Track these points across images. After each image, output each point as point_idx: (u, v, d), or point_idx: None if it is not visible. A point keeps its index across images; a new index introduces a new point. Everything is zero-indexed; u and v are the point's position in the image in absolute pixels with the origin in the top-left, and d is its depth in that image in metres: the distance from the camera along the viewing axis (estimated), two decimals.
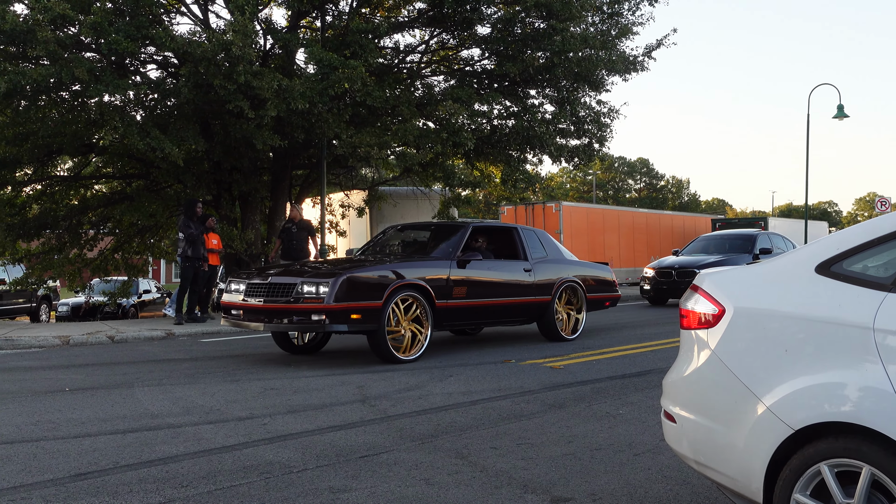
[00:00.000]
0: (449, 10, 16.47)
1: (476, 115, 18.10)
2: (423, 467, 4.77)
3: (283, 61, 17.51)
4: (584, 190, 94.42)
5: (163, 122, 15.62)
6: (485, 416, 6.23)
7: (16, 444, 5.39)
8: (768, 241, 20.57)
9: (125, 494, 4.24)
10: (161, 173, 18.11)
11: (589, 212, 31.43)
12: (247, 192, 18.39)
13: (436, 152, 17.58)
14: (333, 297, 8.54)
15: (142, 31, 14.44)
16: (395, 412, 6.42)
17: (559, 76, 18.07)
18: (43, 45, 13.41)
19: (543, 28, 17.03)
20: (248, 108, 14.24)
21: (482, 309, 10.44)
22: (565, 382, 7.87)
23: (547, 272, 11.42)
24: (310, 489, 4.34)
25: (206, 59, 13.81)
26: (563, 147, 19.26)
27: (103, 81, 14.17)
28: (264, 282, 9.04)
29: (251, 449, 5.23)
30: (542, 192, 79.70)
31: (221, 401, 6.98)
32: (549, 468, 4.74)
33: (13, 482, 4.48)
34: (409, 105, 17.00)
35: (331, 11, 18.45)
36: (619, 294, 13.06)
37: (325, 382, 7.99)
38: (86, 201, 20.48)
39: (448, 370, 8.77)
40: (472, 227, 10.90)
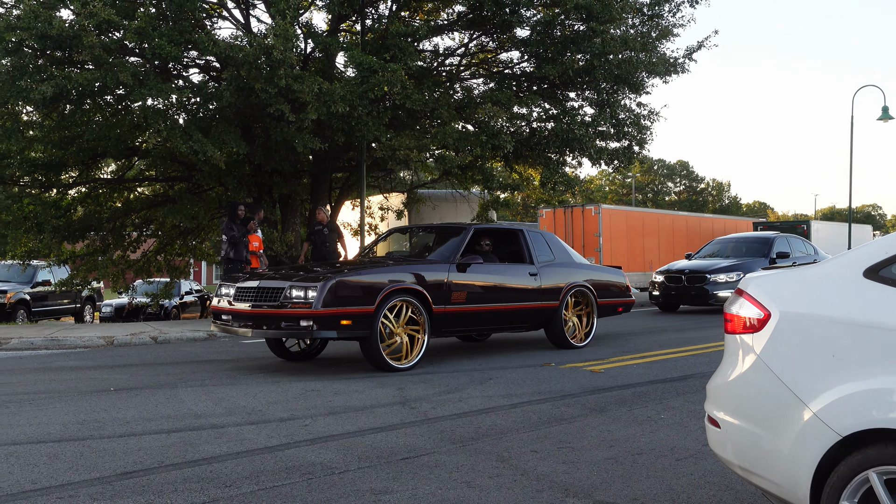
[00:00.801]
0: (488, 12, 16.47)
1: (515, 117, 18.09)
2: (464, 470, 4.78)
3: (324, 65, 17.64)
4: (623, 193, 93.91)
5: (205, 126, 15.79)
6: (525, 420, 6.23)
7: (63, 443, 5.48)
8: (786, 244, 19.91)
9: (170, 493, 4.30)
10: (203, 176, 18.31)
11: (628, 215, 31.24)
12: (287, 194, 18.54)
13: (475, 155, 17.59)
14: (321, 302, 8.14)
15: (185, 35, 14.62)
16: (436, 414, 6.43)
17: (599, 78, 18.00)
18: (89, 50, 13.62)
19: (583, 30, 16.96)
20: (288, 111, 14.35)
21: (484, 314, 10.03)
22: (605, 386, 7.84)
23: (554, 276, 10.99)
24: (351, 490, 4.37)
25: (247, 63, 13.94)
26: (602, 149, 19.18)
27: (147, 85, 14.36)
28: (253, 286, 8.71)
29: (293, 450, 5.27)
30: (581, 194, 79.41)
31: (263, 402, 7.04)
32: (590, 472, 4.73)
33: (61, 480, 4.56)
34: (448, 108, 17.03)
35: (371, 15, 18.57)
36: (633, 299, 12.64)
37: (364, 384, 8.03)
38: (129, 204, 20.78)
39: (488, 373, 8.77)
40: (473, 230, 10.52)
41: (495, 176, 18.48)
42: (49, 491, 4.35)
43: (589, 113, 19.39)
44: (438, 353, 10.69)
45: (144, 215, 20.80)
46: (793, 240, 20.46)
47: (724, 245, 20.80)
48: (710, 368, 8.98)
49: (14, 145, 16.62)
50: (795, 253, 19.55)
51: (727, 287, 17.57)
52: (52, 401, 7.20)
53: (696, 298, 18.12)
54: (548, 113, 19.10)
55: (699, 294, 17.97)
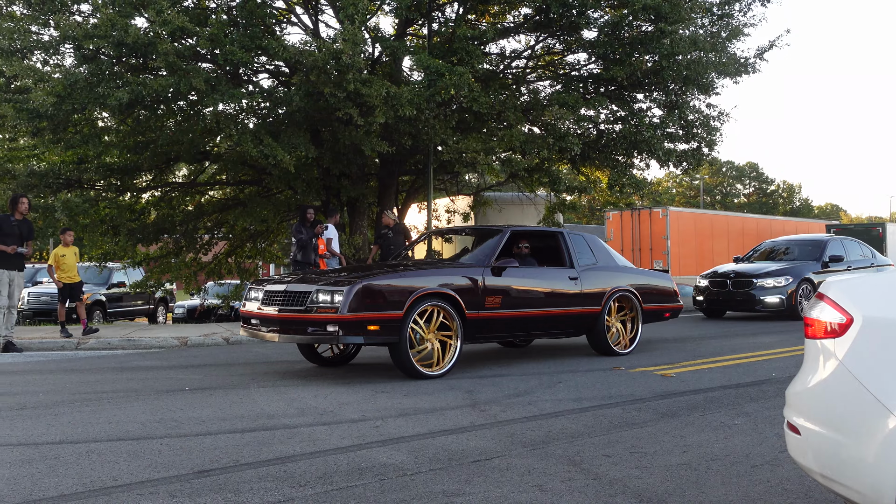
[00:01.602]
0: (555, 14, 16.41)
1: (582, 119, 17.99)
2: (535, 473, 4.77)
3: (391, 68, 17.78)
4: (690, 195, 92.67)
5: (275, 130, 16.02)
6: (596, 424, 6.19)
7: (142, 441, 5.61)
8: (840, 247, 18.85)
9: (246, 492, 4.37)
10: (272, 179, 18.58)
11: (697, 217, 30.80)
12: (355, 197, 18.71)
13: (541, 157, 17.53)
14: (348, 307, 7.85)
15: (255, 41, 14.86)
16: (506, 417, 6.43)
17: (667, 79, 17.80)
18: (163, 56, 13.92)
19: (651, 31, 16.80)
20: (356, 114, 14.48)
21: (520, 320, 9.58)
22: (677, 391, 7.75)
23: (596, 280, 10.50)
24: (424, 492, 4.39)
25: (316, 68, 14.11)
26: (671, 151, 18.95)
27: (219, 91, 14.63)
28: (280, 289, 8.47)
29: (365, 451, 5.32)
30: (648, 197, 78.59)
31: (334, 403, 7.12)
32: (663, 478, 4.68)
33: (141, 477, 4.67)
34: (515, 110, 17.01)
35: (437, 18, 18.66)
36: (681, 304, 12.03)
37: (434, 387, 8.06)
38: (201, 207, 21.20)
39: (557, 377, 8.74)
40: (510, 232, 10.08)
41: (562, 178, 18.38)
42: (130, 487, 4.45)
43: (657, 114, 19.20)
44: (506, 357, 10.69)
45: (216, 218, 21.21)
46: (848, 242, 19.48)
47: (775, 248, 20.03)
48: (784, 374, 8.82)
49: (91, 150, 17.09)
50: (851, 256, 18.74)
51: (775, 292, 16.91)
52: (129, 399, 7.38)
53: (742, 304, 17.43)
54: (615, 115, 18.95)
55: (746, 299, 17.26)
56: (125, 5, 14.68)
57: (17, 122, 15.64)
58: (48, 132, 16.05)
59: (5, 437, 5.73)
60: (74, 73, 14.96)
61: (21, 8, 16.14)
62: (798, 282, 16.96)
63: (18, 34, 15.14)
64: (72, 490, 4.40)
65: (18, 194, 12.62)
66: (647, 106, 19.49)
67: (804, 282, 17.08)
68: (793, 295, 16.83)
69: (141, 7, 15.02)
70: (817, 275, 17.27)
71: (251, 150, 14.73)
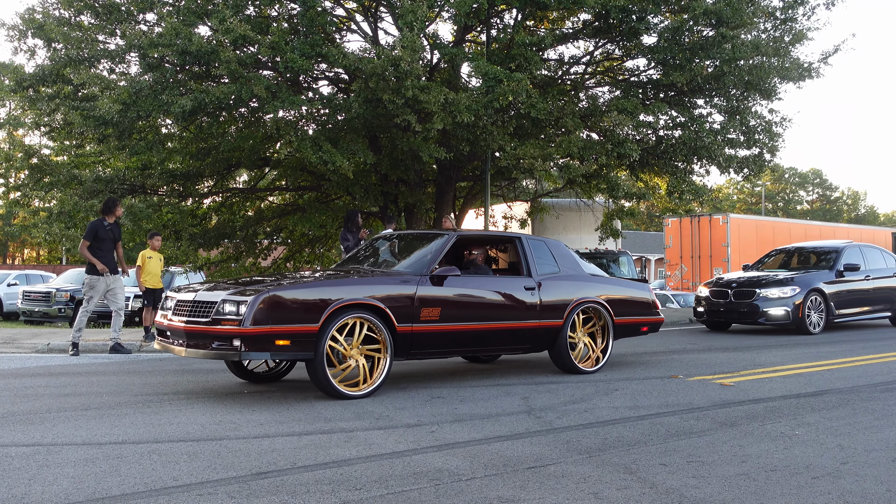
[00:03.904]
0: (615, 20, 16.32)
1: (641, 125, 17.86)
2: (591, 481, 4.74)
3: (449, 75, 17.85)
4: (751, 202, 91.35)
5: (334, 136, 16.19)
6: (653, 432, 6.13)
7: (201, 442, 5.70)
8: (859, 255, 17.06)
9: (303, 494, 4.42)
10: (331, 185, 18.77)
11: (758, 224, 30.39)
12: (412, 203, 18.81)
13: (600, 164, 17.45)
14: (251, 320, 6.99)
15: (315, 49, 15.04)
16: (561, 424, 6.40)
17: (729, 85, 17.60)
18: (225, 64, 14.17)
19: (712, 36, 16.62)
20: (415, 121, 14.57)
21: (465, 334, 8.57)
22: (736, 400, 7.63)
23: (558, 291, 9.45)
24: (479, 498, 4.39)
25: (375, 75, 14.22)
26: (731, 157, 18.73)
27: (280, 98, 14.83)
28: (190, 298, 7.62)
29: (420, 455, 5.33)
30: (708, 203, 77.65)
31: (390, 407, 7.15)
32: (721, 488, 4.61)
33: (200, 478, 4.74)
34: (573, 116, 16.95)
35: (496, 25, 18.68)
36: (661, 318, 10.84)
37: (489, 393, 8.06)
38: (261, 212, 21.51)
39: (613, 384, 8.67)
40: (456, 237, 9.10)
41: (620, 185, 18.26)
42: (189, 488, 4.53)
43: (718, 120, 18.99)
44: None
45: (275, 224, 21.50)
46: (869, 250, 17.71)
47: (787, 255, 18.52)
48: (847, 384, 8.64)
49: (155, 157, 17.46)
50: (870, 265, 17.09)
51: (780, 304, 15.30)
52: (190, 401, 7.51)
53: (744, 316, 15.75)
54: (675, 120, 18.78)
55: (749, 311, 15.60)
56: (189, 14, 14.98)
57: (84, 129, 16.05)
58: (114, 139, 16.44)
59: (70, 437, 5.87)
60: (139, 81, 15.30)
61: (89, 18, 16.56)
62: (806, 293, 15.40)
63: (86, 43, 15.56)
64: (134, 489, 4.48)
65: (114, 198, 12.56)
66: (708, 111, 19.30)
67: (813, 293, 15.55)
68: (800, 307, 15.24)
69: (204, 16, 15.31)
70: (829, 285, 15.92)
71: (310, 156, 14.90)
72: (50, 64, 16.13)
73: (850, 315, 16.28)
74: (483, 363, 10.79)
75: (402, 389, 8.27)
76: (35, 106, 17.27)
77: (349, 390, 7.57)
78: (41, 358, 11.80)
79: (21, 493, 4.40)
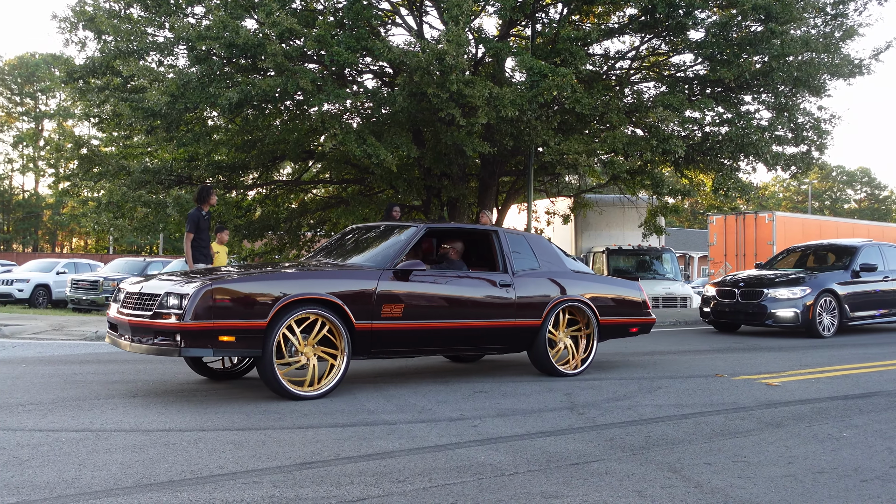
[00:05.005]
0: (661, 15, 16.18)
1: (687, 121, 17.70)
2: (634, 479, 4.72)
3: (494, 69, 17.83)
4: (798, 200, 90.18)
5: (378, 130, 16.25)
6: (697, 431, 6.08)
7: (246, 431, 5.76)
8: (877, 254, 16.04)
9: (346, 485, 4.45)
10: (375, 179, 18.85)
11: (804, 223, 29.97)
12: (455, 197, 18.82)
13: (644, 160, 17.32)
14: (192, 314, 6.61)
15: (360, 42, 15.09)
16: (605, 421, 6.38)
17: (777, 81, 17.38)
18: (272, 57, 14.27)
19: (761, 31, 16.42)
20: (459, 115, 14.57)
21: (430, 333, 8.08)
22: (782, 400, 7.55)
23: (536, 288, 8.92)
24: (522, 493, 4.39)
25: (420, 69, 14.25)
26: (779, 155, 18.49)
27: (324, 91, 14.92)
28: (136, 290, 7.26)
29: (463, 449, 5.35)
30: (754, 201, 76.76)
31: (433, 401, 7.18)
32: (767, 489, 4.57)
33: (245, 467, 4.79)
34: (618, 112, 16.85)
35: (541, 20, 18.61)
36: (653, 318, 10.23)
37: (532, 388, 8.05)
38: (305, 205, 21.68)
39: (657, 382, 8.61)
40: (425, 230, 8.61)
41: (665, 181, 18.09)
42: (235, 476, 4.58)
43: (765, 116, 18.78)
44: (604, 361, 10.58)
45: (319, 216, 21.64)
46: (888, 249, 16.57)
47: (801, 254, 17.52)
48: (894, 386, 8.51)
49: (202, 148, 17.65)
50: (890, 265, 16.05)
51: (789, 305, 14.43)
52: (234, 391, 7.59)
53: (752, 317, 14.89)
54: (721, 117, 18.59)
55: (756, 312, 14.74)
56: (236, 7, 15.12)
57: (133, 121, 16.27)
58: (161, 130, 16.64)
59: (118, 423, 5.96)
60: (187, 73, 15.48)
61: (138, 10, 16.78)
62: (818, 293, 14.52)
63: (135, 36, 15.78)
64: (181, 476, 4.55)
65: (208, 187, 12.39)
66: (755, 108, 19.10)
67: (826, 294, 14.67)
68: (810, 308, 14.37)
69: (251, 9, 15.44)
70: (843, 286, 14.99)
71: (354, 149, 14.97)
72: (100, 56, 16.40)
73: (865, 318, 15.33)
74: (466, 363, 10.29)
75: (444, 383, 8.29)
76: (85, 97, 17.56)
77: (301, 390, 7.10)
78: (89, 345, 12.00)
79: (71, 477, 4.49)
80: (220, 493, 4.25)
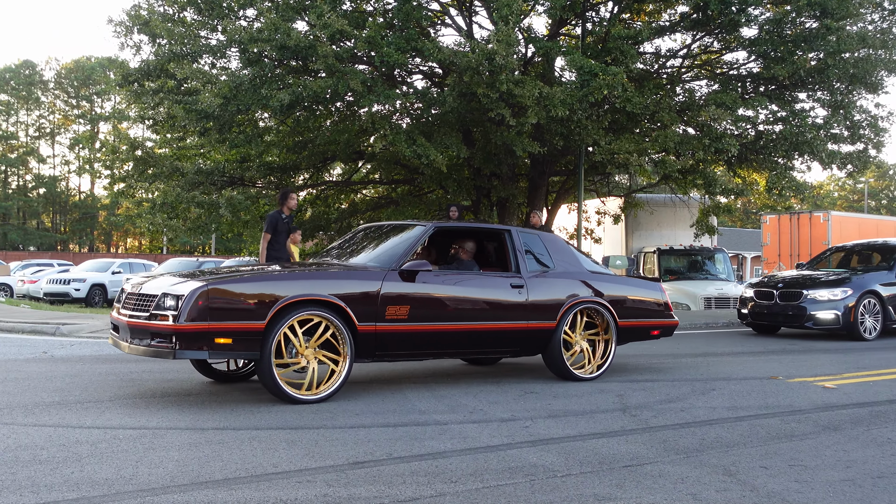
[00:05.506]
0: (714, 12, 15.98)
1: (740, 120, 17.46)
2: (689, 482, 4.67)
3: (543, 69, 17.76)
4: (853, 199, 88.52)
5: (427, 130, 16.28)
6: (752, 434, 5.99)
7: (299, 430, 5.80)
8: None
9: (399, 485, 4.46)
10: (424, 179, 18.89)
11: (861, 222, 29.35)
12: (504, 198, 18.79)
13: (696, 159, 17.13)
14: (187, 315, 6.44)
15: (410, 43, 15.14)
16: (657, 423, 6.32)
17: (833, 78, 17.07)
18: (322, 59, 14.38)
19: (816, 28, 16.15)
20: (509, 115, 14.54)
21: (437, 335, 7.80)
22: (839, 403, 7.41)
23: (551, 289, 8.59)
24: (574, 495, 4.37)
25: (470, 69, 14.24)
26: (834, 153, 18.14)
27: (374, 92, 14.98)
28: (136, 291, 7.15)
29: (515, 450, 5.33)
30: (809, 200, 75.53)
31: (484, 401, 7.17)
32: (825, 493, 4.49)
33: (299, 465, 4.83)
34: (669, 111, 16.68)
35: (591, 18, 18.52)
36: (675, 321, 9.79)
37: (583, 389, 8.00)
38: (355, 205, 21.81)
39: (710, 384, 8.51)
40: (433, 229, 8.31)
41: (717, 180, 17.85)
42: (289, 475, 4.62)
43: (820, 114, 18.45)
44: (657, 362, 10.48)
45: (369, 216, 21.74)
46: None
47: (845, 253, 16.87)
48: None
49: (253, 149, 17.83)
50: None
51: (829, 307, 13.88)
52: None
53: (791, 319, 14.37)
54: (775, 115, 18.32)
55: (796, 314, 14.19)
56: (288, 10, 15.26)
57: (187, 123, 16.50)
58: (214, 132, 16.85)
59: (174, 422, 6.05)
60: (239, 75, 15.66)
61: (192, 14, 17.02)
62: (860, 295, 13.95)
63: (189, 39, 15.99)
64: (235, 475, 4.60)
65: (289, 189, 12.43)
66: (810, 105, 18.76)
67: (868, 295, 14.08)
68: (852, 310, 13.80)
69: (302, 11, 15.57)
70: (888, 287, 14.35)
71: (404, 149, 15.01)
72: (154, 59, 16.66)
73: None
74: (485, 365, 10.02)
75: (495, 384, 8.29)
76: (140, 100, 17.85)
77: (301, 394, 6.90)
78: None
79: (129, 474, 4.56)
80: (273, 492, 4.29)
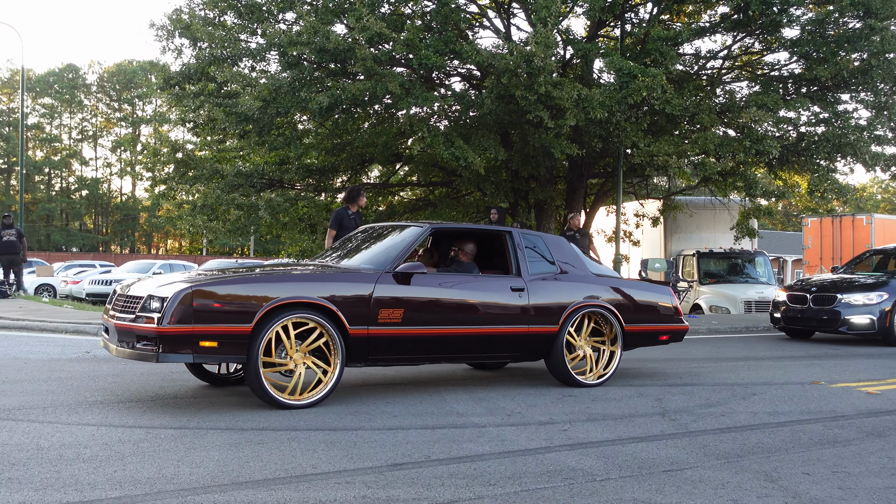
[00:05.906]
0: (755, 13, 15.82)
1: (781, 121, 17.28)
2: (729, 487, 4.62)
3: (582, 70, 17.70)
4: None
5: (465, 132, 16.29)
6: (794, 439, 5.92)
7: (338, 432, 5.83)
8: None
9: (437, 487, 4.47)
10: (462, 181, 18.91)
11: None
12: (542, 200, 18.75)
13: (737, 161, 16.97)
14: (170, 317, 6.27)
15: (448, 45, 15.16)
16: (697, 428, 6.26)
17: (876, 79, 16.82)
18: (361, 62, 14.45)
19: (860, 28, 15.92)
20: (547, 117, 14.50)
21: (432, 340, 7.58)
22: (884, 409, 7.30)
23: (553, 293, 8.33)
24: (614, 499, 4.34)
25: (508, 71, 14.23)
26: (878, 155, 17.88)
27: (413, 94, 15.02)
28: (125, 292, 7.00)
29: (553, 454, 5.32)
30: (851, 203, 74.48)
31: (522, 404, 7.16)
32: (869, 500, 4.42)
33: (338, 467, 4.86)
34: (709, 112, 16.54)
35: (630, 20, 18.41)
36: (685, 325, 9.51)
37: (622, 393, 7.96)
38: (393, 207, 21.88)
39: (751, 388, 8.42)
40: (430, 230, 8.17)
41: (758, 183, 17.65)
42: (328, 476, 4.64)
43: (864, 116, 18.19)
44: (696, 367, 10.39)
45: (406, 218, 21.77)
46: None
47: (884, 256, 16.14)
48: None
49: (293, 152, 17.98)
50: None
51: (864, 311, 13.43)
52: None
53: (824, 324, 13.90)
54: (818, 116, 18.09)
55: (830, 318, 13.72)
56: (326, 13, 15.35)
57: (227, 125, 16.67)
58: (254, 134, 17.00)
59: (214, 422, 6.10)
60: (279, 78, 15.79)
61: (232, 17, 17.18)
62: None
63: (229, 42, 16.14)
64: (275, 475, 4.63)
65: (358, 187, 12.42)
66: (853, 107, 18.52)
67: None
68: (888, 315, 13.34)
69: (341, 14, 15.65)
70: None
71: (442, 152, 15.04)
72: (195, 62, 16.84)
73: None
74: (490, 370, 9.71)
75: (533, 387, 8.27)
76: (181, 103, 18.07)
77: (289, 399, 6.71)
78: None
79: (171, 473, 4.61)
80: (313, 493, 4.32)
